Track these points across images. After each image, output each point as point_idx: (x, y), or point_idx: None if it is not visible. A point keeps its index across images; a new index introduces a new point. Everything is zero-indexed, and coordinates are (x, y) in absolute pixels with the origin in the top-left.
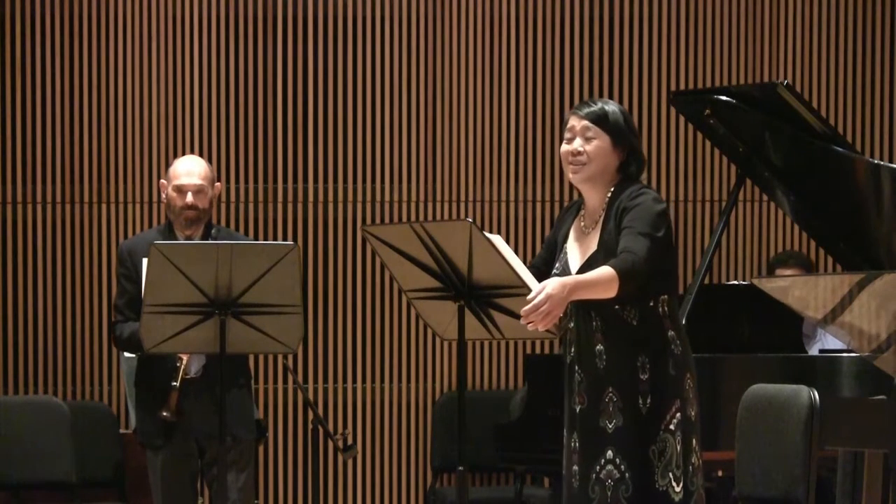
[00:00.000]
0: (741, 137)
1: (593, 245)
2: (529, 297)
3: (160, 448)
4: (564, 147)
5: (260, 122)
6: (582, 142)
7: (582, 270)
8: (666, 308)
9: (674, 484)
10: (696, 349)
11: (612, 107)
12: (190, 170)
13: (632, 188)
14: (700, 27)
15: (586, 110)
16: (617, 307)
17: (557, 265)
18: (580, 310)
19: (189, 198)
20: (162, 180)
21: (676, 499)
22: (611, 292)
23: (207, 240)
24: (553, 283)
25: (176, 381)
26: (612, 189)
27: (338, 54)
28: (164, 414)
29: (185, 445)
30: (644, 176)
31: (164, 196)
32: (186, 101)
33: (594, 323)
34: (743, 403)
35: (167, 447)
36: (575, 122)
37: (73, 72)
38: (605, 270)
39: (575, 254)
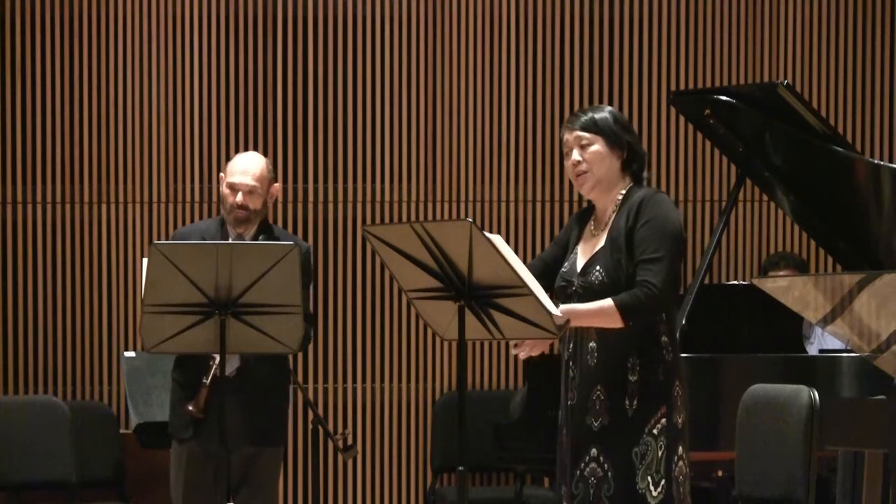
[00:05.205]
0: (741, 137)
1: (600, 243)
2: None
3: (186, 441)
4: (567, 162)
5: (260, 122)
6: (579, 151)
7: (586, 269)
8: (663, 314)
9: (651, 488)
10: (696, 349)
11: (600, 112)
12: (245, 169)
13: (645, 191)
14: (700, 27)
15: (575, 122)
16: None
17: (566, 264)
18: None
19: (239, 197)
20: (221, 173)
21: (653, 503)
22: (616, 324)
23: (266, 240)
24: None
25: (206, 379)
26: (624, 192)
27: (338, 54)
28: (191, 409)
29: (211, 443)
30: (645, 174)
31: (222, 190)
32: (186, 101)
33: None
34: (743, 403)
35: (194, 441)
36: (568, 136)
37: (73, 72)
38: (605, 304)
39: (581, 255)
